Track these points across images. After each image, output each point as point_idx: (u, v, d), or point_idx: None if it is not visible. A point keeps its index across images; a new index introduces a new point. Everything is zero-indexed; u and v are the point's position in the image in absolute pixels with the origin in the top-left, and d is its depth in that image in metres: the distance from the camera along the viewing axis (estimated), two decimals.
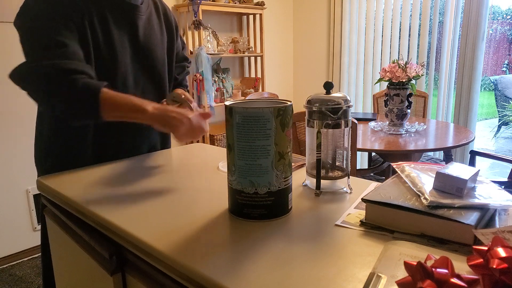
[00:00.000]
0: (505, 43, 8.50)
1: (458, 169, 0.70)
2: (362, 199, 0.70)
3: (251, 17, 3.56)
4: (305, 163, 0.94)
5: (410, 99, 2.35)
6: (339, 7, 3.56)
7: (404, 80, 2.28)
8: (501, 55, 8.49)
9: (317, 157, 0.83)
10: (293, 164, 1.05)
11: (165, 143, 1.32)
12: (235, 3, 3.30)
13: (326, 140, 0.87)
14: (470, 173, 0.69)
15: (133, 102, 0.94)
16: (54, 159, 1.11)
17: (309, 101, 0.83)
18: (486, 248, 0.47)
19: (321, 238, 0.65)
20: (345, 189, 0.87)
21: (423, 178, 0.74)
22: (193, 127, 0.96)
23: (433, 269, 0.44)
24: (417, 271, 0.45)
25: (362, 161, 3.57)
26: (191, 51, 3.06)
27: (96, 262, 0.78)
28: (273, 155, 0.70)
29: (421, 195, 0.67)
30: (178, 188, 0.91)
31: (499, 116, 6.24)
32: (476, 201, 0.64)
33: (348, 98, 0.83)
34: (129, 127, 1.15)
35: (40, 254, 1.20)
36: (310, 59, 3.96)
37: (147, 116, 0.93)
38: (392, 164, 0.85)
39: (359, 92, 3.68)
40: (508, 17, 8.50)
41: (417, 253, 0.57)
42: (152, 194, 0.87)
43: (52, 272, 1.08)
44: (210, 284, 0.54)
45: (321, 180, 0.85)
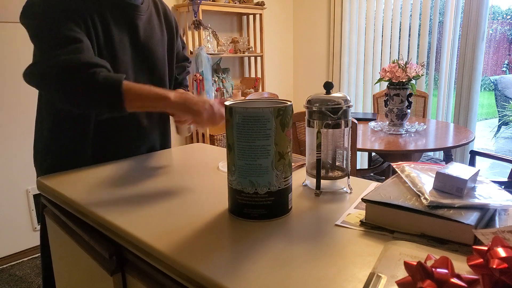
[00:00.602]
0: (505, 43, 8.50)
1: (458, 169, 0.70)
2: (362, 199, 0.70)
3: (251, 17, 3.56)
4: (305, 163, 0.94)
5: (410, 99, 2.35)
6: (339, 7, 3.56)
7: (404, 80, 2.28)
8: (501, 55, 8.49)
9: (317, 157, 0.83)
10: (293, 164, 1.05)
11: (165, 144, 1.32)
12: (235, 3, 3.30)
13: (326, 140, 0.87)
14: (470, 173, 0.69)
15: (155, 91, 0.96)
16: (54, 159, 1.11)
17: (309, 101, 0.83)
18: (486, 248, 0.47)
19: (321, 238, 0.65)
20: (345, 189, 0.87)
21: (423, 178, 0.74)
22: (215, 114, 0.97)
23: (433, 269, 0.44)
24: (417, 271, 0.45)
25: (362, 161, 3.57)
26: (191, 51, 3.06)
27: (96, 262, 0.78)
28: (273, 155, 0.70)
29: (421, 195, 0.67)
30: (178, 188, 0.91)
31: (499, 116, 6.24)
32: (476, 201, 0.64)
33: (348, 98, 0.83)
34: (129, 128, 1.15)
35: (40, 254, 1.20)
36: (310, 59, 3.96)
37: (170, 104, 0.95)
38: (392, 164, 0.85)
39: (359, 92, 3.68)
40: (508, 17, 8.50)
41: (417, 253, 0.57)
42: (152, 194, 0.87)
43: (52, 272, 1.08)
44: (210, 284, 0.54)
45: (321, 180, 0.85)
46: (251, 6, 3.34)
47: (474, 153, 2.48)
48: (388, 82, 2.35)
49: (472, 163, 2.48)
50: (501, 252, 0.45)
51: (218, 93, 3.24)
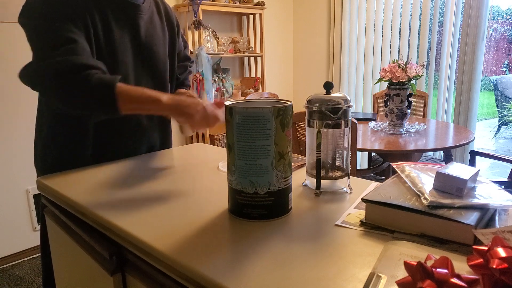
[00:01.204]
0: (505, 43, 8.50)
1: (458, 169, 0.70)
2: (362, 199, 0.70)
3: (251, 17, 3.56)
4: (305, 163, 0.94)
5: (410, 99, 2.35)
6: (339, 7, 3.56)
7: (404, 80, 2.28)
8: (501, 55, 8.49)
9: (317, 157, 0.83)
10: (293, 164, 1.05)
11: (165, 143, 1.32)
12: (235, 3, 3.30)
13: (326, 140, 0.87)
14: (470, 173, 0.69)
15: (148, 94, 0.96)
16: (54, 159, 1.11)
17: (309, 101, 0.83)
18: (486, 248, 0.47)
19: (321, 238, 0.65)
20: (345, 189, 0.87)
21: (423, 178, 0.74)
22: (208, 116, 0.97)
23: (433, 269, 0.44)
24: (417, 271, 0.45)
25: (362, 161, 3.57)
26: (191, 51, 3.06)
27: (96, 262, 0.78)
28: (273, 155, 0.70)
29: (421, 195, 0.67)
30: (178, 188, 0.91)
31: (499, 116, 6.24)
32: (476, 201, 0.64)
33: (348, 98, 0.83)
34: (129, 128, 1.15)
35: (40, 254, 1.20)
36: (310, 59, 3.96)
37: (162, 107, 0.95)
38: (392, 164, 0.85)
39: (359, 92, 3.68)
40: (508, 17, 8.50)
41: (417, 253, 0.57)
42: (152, 194, 0.87)
43: (52, 272, 1.08)
44: (210, 284, 0.54)
45: (321, 180, 0.85)
46: (251, 6, 3.34)
47: (474, 153, 2.48)
48: (388, 82, 2.35)
49: (472, 163, 2.48)
50: (501, 252, 0.45)
51: (218, 93, 3.24)
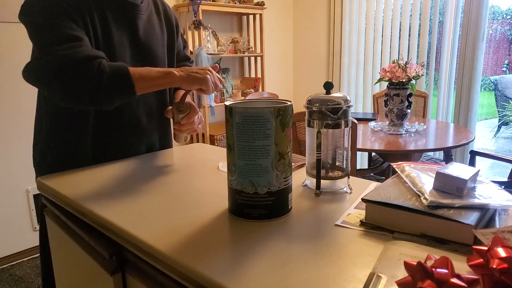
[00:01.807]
0: (505, 43, 8.50)
1: (458, 169, 0.70)
2: (362, 199, 0.70)
3: (251, 17, 3.56)
4: (305, 163, 0.94)
5: (410, 99, 2.35)
6: (339, 7, 3.56)
7: (404, 80, 2.28)
8: (501, 55, 8.49)
9: (317, 157, 0.83)
10: (293, 164, 1.05)
11: (165, 143, 1.32)
12: (235, 3, 3.30)
13: (326, 140, 0.87)
14: (470, 173, 0.69)
15: (158, 70, 1.00)
16: (54, 159, 1.11)
17: (309, 101, 0.83)
18: (486, 248, 0.47)
19: (321, 238, 0.65)
20: (345, 189, 0.87)
21: (423, 178, 0.74)
22: (216, 77, 1.05)
23: (433, 269, 0.44)
24: (417, 271, 0.45)
25: (362, 161, 3.57)
26: (191, 51, 3.06)
27: (96, 262, 0.78)
28: (273, 155, 0.70)
29: (421, 195, 0.67)
30: (178, 188, 0.91)
31: (499, 116, 6.24)
32: (476, 201, 0.64)
33: (348, 98, 0.83)
34: (129, 128, 1.15)
35: (40, 254, 1.20)
36: (310, 59, 3.96)
37: (176, 78, 0.99)
38: (392, 164, 0.85)
39: (359, 92, 3.68)
40: (508, 17, 8.50)
41: (417, 253, 0.57)
42: (152, 194, 0.87)
43: (52, 272, 1.08)
44: (210, 284, 0.54)
45: (321, 180, 0.85)
46: (251, 6, 3.34)
47: (474, 153, 2.48)
48: (388, 82, 2.35)
49: (472, 163, 2.48)
50: (501, 252, 0.45)
51: (218, 93, 3.24)
